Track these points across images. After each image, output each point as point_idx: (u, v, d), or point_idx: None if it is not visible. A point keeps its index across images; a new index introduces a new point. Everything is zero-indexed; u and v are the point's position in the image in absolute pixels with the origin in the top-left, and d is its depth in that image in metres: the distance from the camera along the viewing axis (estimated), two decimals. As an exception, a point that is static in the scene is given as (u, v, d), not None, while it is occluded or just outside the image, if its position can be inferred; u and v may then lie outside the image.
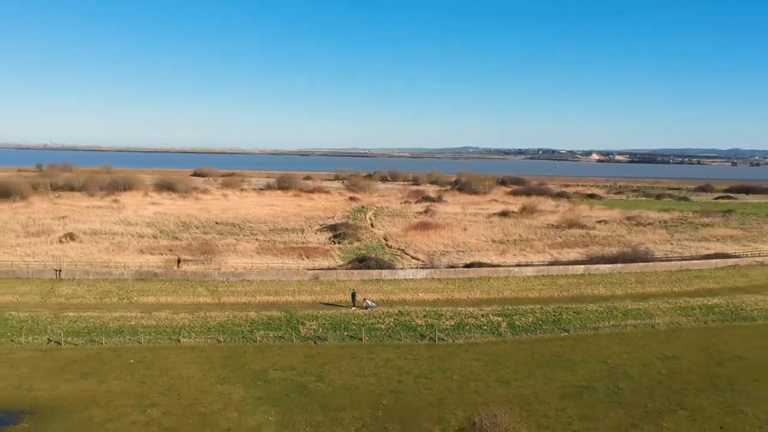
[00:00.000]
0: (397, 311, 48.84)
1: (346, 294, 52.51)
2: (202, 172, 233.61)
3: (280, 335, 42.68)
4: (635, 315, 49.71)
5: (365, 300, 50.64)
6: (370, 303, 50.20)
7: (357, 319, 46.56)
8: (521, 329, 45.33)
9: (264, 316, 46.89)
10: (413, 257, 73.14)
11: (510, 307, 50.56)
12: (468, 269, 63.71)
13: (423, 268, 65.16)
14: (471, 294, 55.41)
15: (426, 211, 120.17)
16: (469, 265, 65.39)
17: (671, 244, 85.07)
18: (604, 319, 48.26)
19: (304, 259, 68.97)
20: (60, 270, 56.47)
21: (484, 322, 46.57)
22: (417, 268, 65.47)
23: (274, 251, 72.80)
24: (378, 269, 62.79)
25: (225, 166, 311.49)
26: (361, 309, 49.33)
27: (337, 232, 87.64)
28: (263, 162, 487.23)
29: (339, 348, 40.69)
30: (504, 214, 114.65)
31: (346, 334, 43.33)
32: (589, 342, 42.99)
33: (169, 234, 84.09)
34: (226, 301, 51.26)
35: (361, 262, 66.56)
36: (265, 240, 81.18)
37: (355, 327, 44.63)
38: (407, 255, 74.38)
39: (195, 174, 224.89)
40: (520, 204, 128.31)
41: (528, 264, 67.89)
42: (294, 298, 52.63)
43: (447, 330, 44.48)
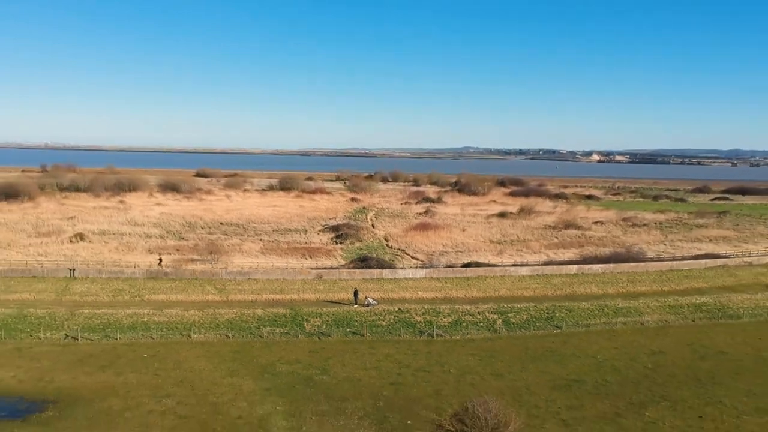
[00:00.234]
0: (397, 309, 50.22)
1: (348, 292, 53.80)
2: (204, 172, 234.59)
3: (285, 331, 44.11)
4: (625, 313, 50.95)
5: (367, 298, 51.90)
6: (371, 301, 51.46)
7: (359, 316, 48.00)
8: (516, 326, 46.75)
9: (270, 313, 48.29)
10: (413, 257, 74.61)
11: (505, 305, 51.91)
12: (466, 269, 65.02)
13: (422, 267, 66.66)
14: (468, 292, 56.67)
15: (426, 212, 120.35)
16: (467, 265, 66.68)
17: (664, 244, 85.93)
18: (595, 317, 49.58)
19: (307, 259, 70.25)
20: (74, 269, 58.27)
21: (480, 319, 48.05)
22: (416, 267, 66.95)
23: (278, 251, 74.25)
24: (379, 269, 64.18)
25: (226, 166, 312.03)
26: (363, 306, 50.65)
27: (339, 232, 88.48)
28: (264, 162, 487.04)
29: (342, 343, 42.13)
30: (502, 215, 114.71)
31: (348, 330, 44.81)
32: (580, 338, 44.37)
33: (176, 234, 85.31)
34: (233, 299, 52.63)
35: (363, 261, 67.96)
36: (269, 240, 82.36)
37: (357, 323, 46.12)
38: (407, 255, 75.89)
39: (197, 174, 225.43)
40: (518, 205, 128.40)
41: (523, 264, 69.21)
42: (299, 296, 54.05)
43: (445, 326, 45.98)
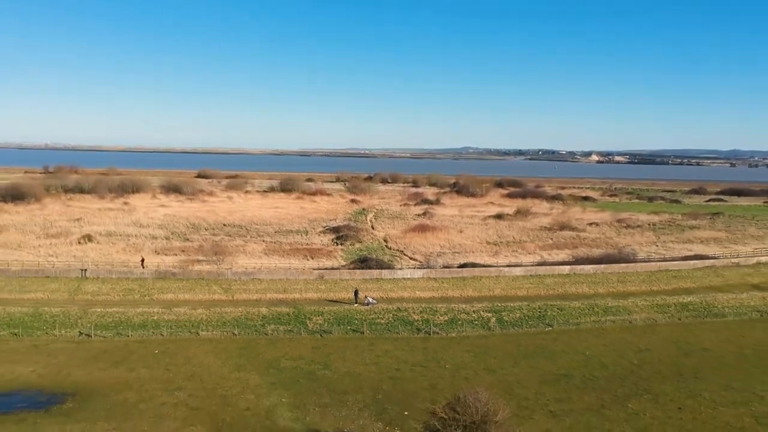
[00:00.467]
0: (396, 307, 52.10)
1: (349, 292, 55.62)
2: (205, 173, 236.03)
3: (289, 329, 46.04)
4: (615, 312, 52.79)
5: (366, 297, 53.72)
6: (371, 300, 53.30)
7: (359, 315, 49.90)
8: (509, 324, 48.64)
9: (274, 311, 50.25)
10: (411, 258, 76.65)
11: (499, 304, 53.80)
12: (462, 269, 66.94)
13: (420, 268, 68.70)
14: (464, 292, 58.50)
15: (424, 214, 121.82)
16: (463, 266, 68.60)
17: (656, 245, 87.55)
18: (585, 315, 51.44)
19: (309, 260, 72.16)
20: (85, 269, 60.30)
21: (475, 317, 49.97)
22: (414, 268, 68.98)
23: (280, 252, 76.24)
24: (378, 269, 66.06)
25: (227, 166, 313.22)
26: (363, 305, 52.53)
27: (340, 233, 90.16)
28: (265, 163, 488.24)
29: (343, 340, 44.05)
30: (499, 216, 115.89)
31: (349, 328, 46.73)
32: (571, 336, 46.28)
33: (181, 236, 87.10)
34: (239, 298, 54.52)
35: (363, 262, 69.92)
36: (272, 241, 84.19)
37: (358, 322, 48.05)
38: (406, 256, 77.91)
39: (199, 175, 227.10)
40: (515, 207, 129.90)
41: (518, 264, 71.10)
42: (301, 295, 55.96)
43: (441, 324, 47.91)
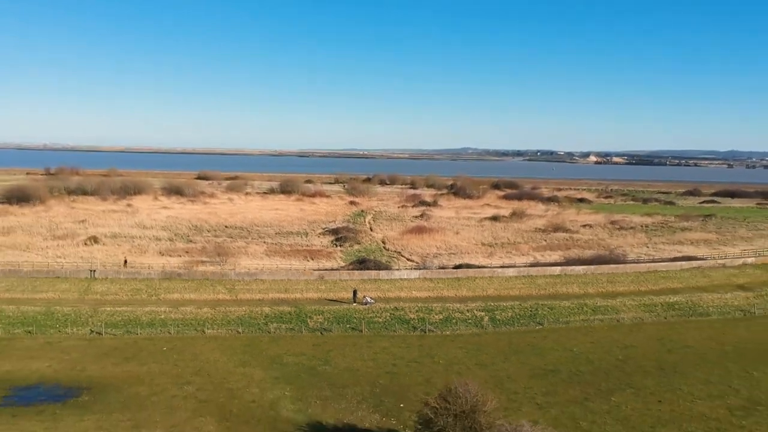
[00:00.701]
0: (393, 307, 54.11)
1: (348, 292, 57.50)
2: (206, 175, 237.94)
3: (291, 327, 48.08)
4: (603, 311, 54.84)
5: (365, 297, 55.68)
6: (369, 300, 55.26)
7: (358, 314, 51.88)
8: (501, 322, 50.65)
9: (276, 310, 52.28)
10: (408, 259, 78.72)
11: (492, 304, 55.85)
12: (456, 270, 68.98)
13: (416, 269, 70.79)
14: (458, 292, 60.48)
15: (422, 215, 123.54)
16: (458, 267, 70.65)
17: (648, 247, 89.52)
18: (575, 314, 53.43)
19: (309, 261, 74.14)
20: (94, 270, 62.40)
21: (468, 316, 52.00)
22: (411, 269, 71.07)
23: (281, 253, 78.23)
24: (376, 270, 68.05)
25: (227, 167, 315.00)
26: (361, 305, 54.46)
27: (339, 235, 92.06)
28: (264, 163, 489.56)
29: (342, 338, 46.08)
30: (495, 218, 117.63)
31: (348, 326, 48.71)
32: (560, 334, 48.25)
33: (184, 237, 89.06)
34: (242, 298, 56.53)
35: (361, 263, 71.92)
36: (273, 243, 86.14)
37: (356, 320, 50.01)
38: (403, 257, 79.99)
39: (199, 177, 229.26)
40: (511, 208, 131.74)
41: (511, 265, 73.21)
42: (302, 295, 57.97)
43: (436, 323, 49.90)
